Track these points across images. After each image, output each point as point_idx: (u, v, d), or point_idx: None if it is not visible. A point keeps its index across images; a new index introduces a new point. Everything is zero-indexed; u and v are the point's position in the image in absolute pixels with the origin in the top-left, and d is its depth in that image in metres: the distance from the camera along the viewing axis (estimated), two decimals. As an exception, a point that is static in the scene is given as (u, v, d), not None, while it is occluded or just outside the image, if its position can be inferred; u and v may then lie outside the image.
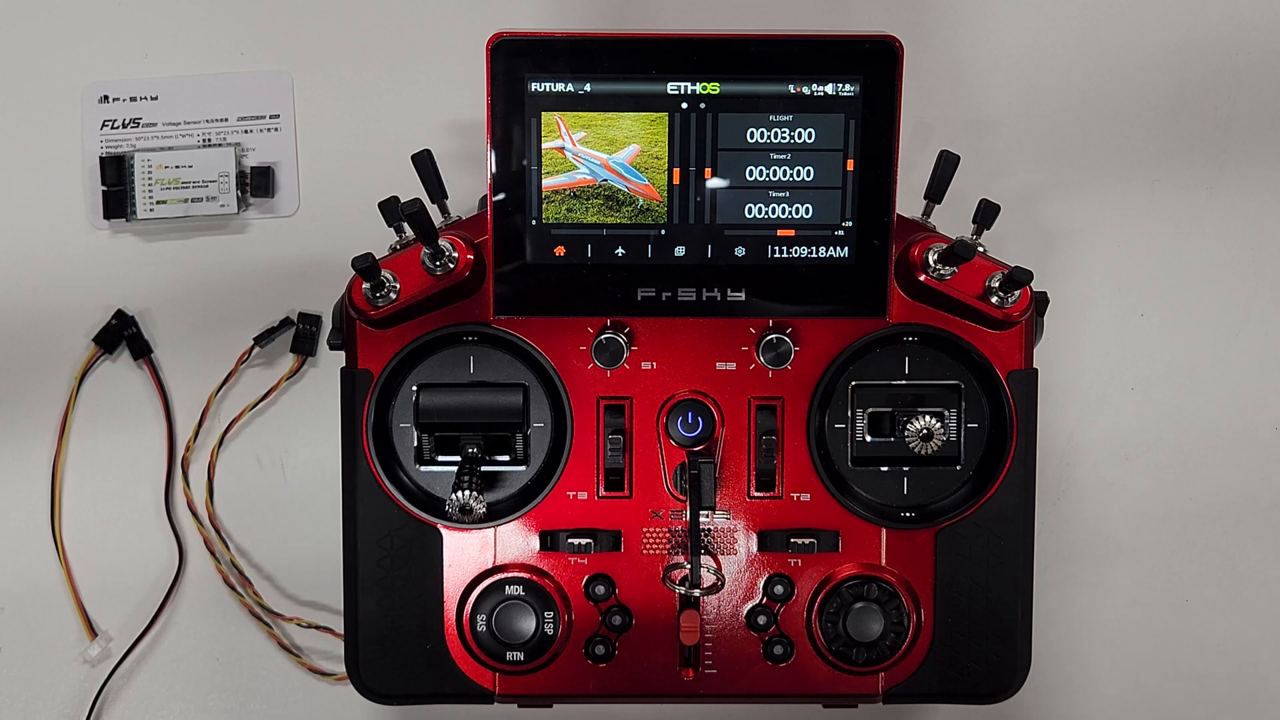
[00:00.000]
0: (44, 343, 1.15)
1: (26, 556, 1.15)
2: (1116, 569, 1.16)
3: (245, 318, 1.15)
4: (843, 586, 1.00)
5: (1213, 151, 1.16)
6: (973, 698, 1.02)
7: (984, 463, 1.01)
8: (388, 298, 0.97)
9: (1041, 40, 1.16)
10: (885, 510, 1.01)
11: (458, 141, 1.13)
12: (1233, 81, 1.15)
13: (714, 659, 1.01)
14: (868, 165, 0.95)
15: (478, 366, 1.00)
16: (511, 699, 1.01)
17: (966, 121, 1.15)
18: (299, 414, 1.16)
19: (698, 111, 0.95)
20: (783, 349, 0.98)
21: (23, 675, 1.15)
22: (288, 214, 1.16)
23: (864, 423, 1.01)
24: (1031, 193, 1.15)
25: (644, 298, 0.97)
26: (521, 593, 1.00)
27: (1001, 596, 1.01)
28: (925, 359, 1.00)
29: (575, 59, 0.94)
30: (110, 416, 1.15)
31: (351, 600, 1.00)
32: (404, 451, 1.00)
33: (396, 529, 1.00)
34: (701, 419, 1.00)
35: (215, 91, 1.15)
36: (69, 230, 1.15)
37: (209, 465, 1.15)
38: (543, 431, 1.00)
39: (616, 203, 0.96)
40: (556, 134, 0.95)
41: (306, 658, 1.15)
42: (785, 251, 0.97)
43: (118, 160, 1.14)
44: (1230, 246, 1.16)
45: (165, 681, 1.15)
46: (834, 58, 0.94)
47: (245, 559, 1.15)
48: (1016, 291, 0.98)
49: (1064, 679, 1.16)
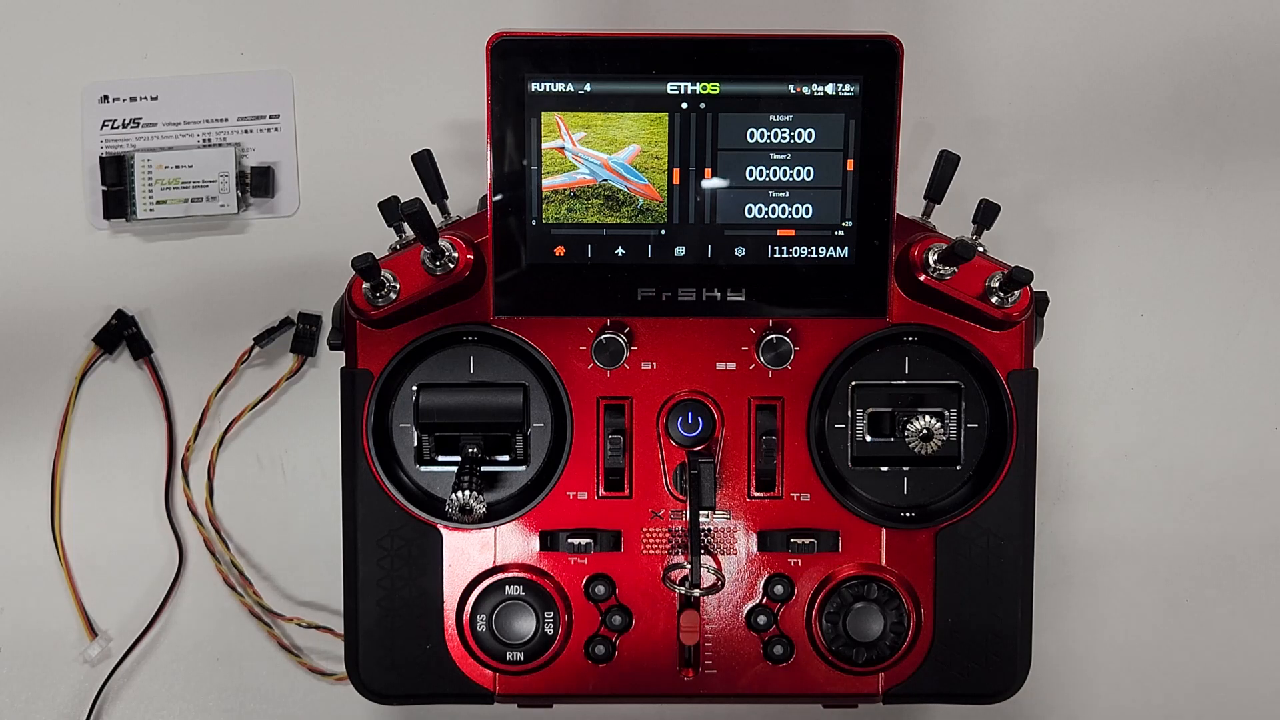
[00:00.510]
0: (44, 343, 1.15)
1: (26, 556, 1.15)
2: (1116, 569, 1.16)
3: (245, 318, 1.15)
4: (843, 586, 1.00)
5: (1213, 151, 1.16)
6: (973, 698, 1.02)
7: (984, 463, 1.01)
8: (388, 298, 0.97)
9: (1041, 40, 1.16)
10: (885, 510, 1.01)
11: (458, 141, 1.13)
12: (1233, 81, 1.15)
13: (714, 659, 1.01)
14: (868, 165, 0.95)
15: (478, 366, 1.00)
16: (511, 699, 1.01)
17: (966, 121, 1.15)
18: (299, 414, 1.15)
19: (698, 111, 0.94)
20: (783, 349, 0.98)
21: (23, 675, 1.15)
22: (288, 214, 1.16)
23: (864, 423, 1.01)
24: (1031, 193, 1.15)
25: (644, 298, 0.97)
26: (521, 593, 1.00)
27: (1001, 596, 1.01)
28: (925, 359, 1.00)
29: (575, 59, 0.94)
30: (110, 416, 1.15)
31: (351, 600, 1.00)
32: (404, 451, 1.00)
33: (396, 529, 1.00)
34: (701, 419, 1.00)
35: (215, 91, 1.15)
36: (69, 230, 1.15)
37: (209, 465, 1.15)
38: (543, 431, 1.00)
39: (616, 203, 0.96)
40: (556, 134, 0.95)
41: (306, 658, 1.15)
42: (785, 251, 0.97)
43: (118, 160, 1.14)
44: (1230, 246, 1.16)
45: (165, 681, 1.15)
46: (834, 58, 0.94)
47: (245, 559, 1.15)
48: (1016, 291, 0.97)
49: (1064, 679, 1.16)
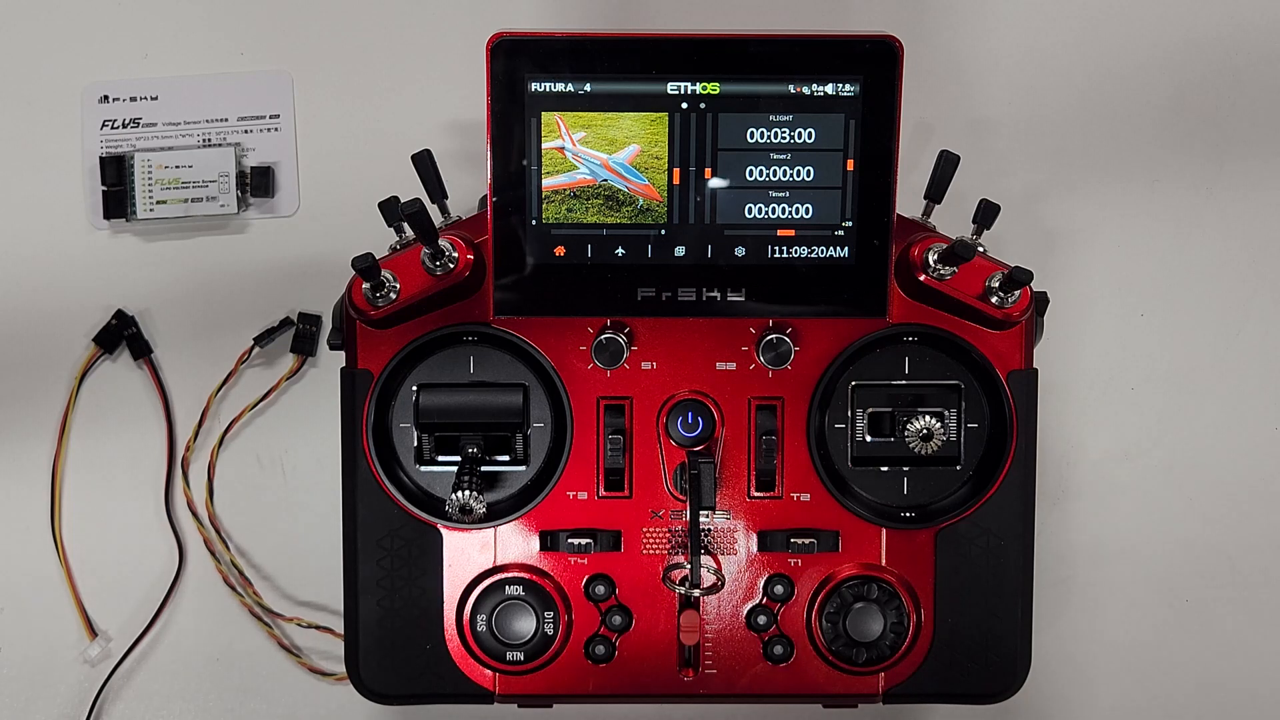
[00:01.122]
0: (44, 343, 1.15)
1: (26, 556, 1.15)
2: (1116, 569, 1.16)
3: (245, 318, 1.15)
4: (843, 586, 1.00)
5: (1213, 151, 1.16)
6: (973, 698, 1.02)
7: (984, 463, 1.01)
8: (388, 298, 0.97)
9: (1041, 40, 1.16)
10: (885, 510, 1.01)
11: (458, 141, 1.13)
12: (1233, 81, 1.15)
13: (714, 659, 1.01)
14: (868, 165, 0.95)
15: (478, 366, 1.00)
16: (511, 699, 1.01)
17: (966, 121, 1.15)
18: (299, 414, 1.15)
19: (698, 111, 0.94)
20: (783, 349, 0.98)
21: (23, 675, 1.15)
22: (288, 214, 1.16)
23: (864, 423, 1.01)
24: (1031, 193, 1.15)
25: (644, 298, 0.97)
26: (521, 593, 1.00)
27: (1001, 596, 1.01)
28: (925, 359, 1.00)
29: (575, 59, 0.94)
30: (110, 417, 1.15)
31: (351, 600, 1.00)
32: (404, 451, 1.00)
33: (396, 529, 1.00)
34: (701, 419, 1.00)
35: (215, 91, 1.15)
36: (69, 230, 1.15)
37: (209, 465, 1.15)
38: (543, 431, 1.00)
39: (616, 203, 0.96)
40: (556, 134, 0.95)
41: (306, 658, 1.15)
42: (785, 251, 0.97)
43: (118, 160, 1.14)
44: (1230, 246, 1.16)
45: (165, 681, 1.15)
46: (834, 58, 0.94)
47: (245, 559, 1.15)
48: (1016, 291, 0.97)
49: (1064, 679, 1.16)
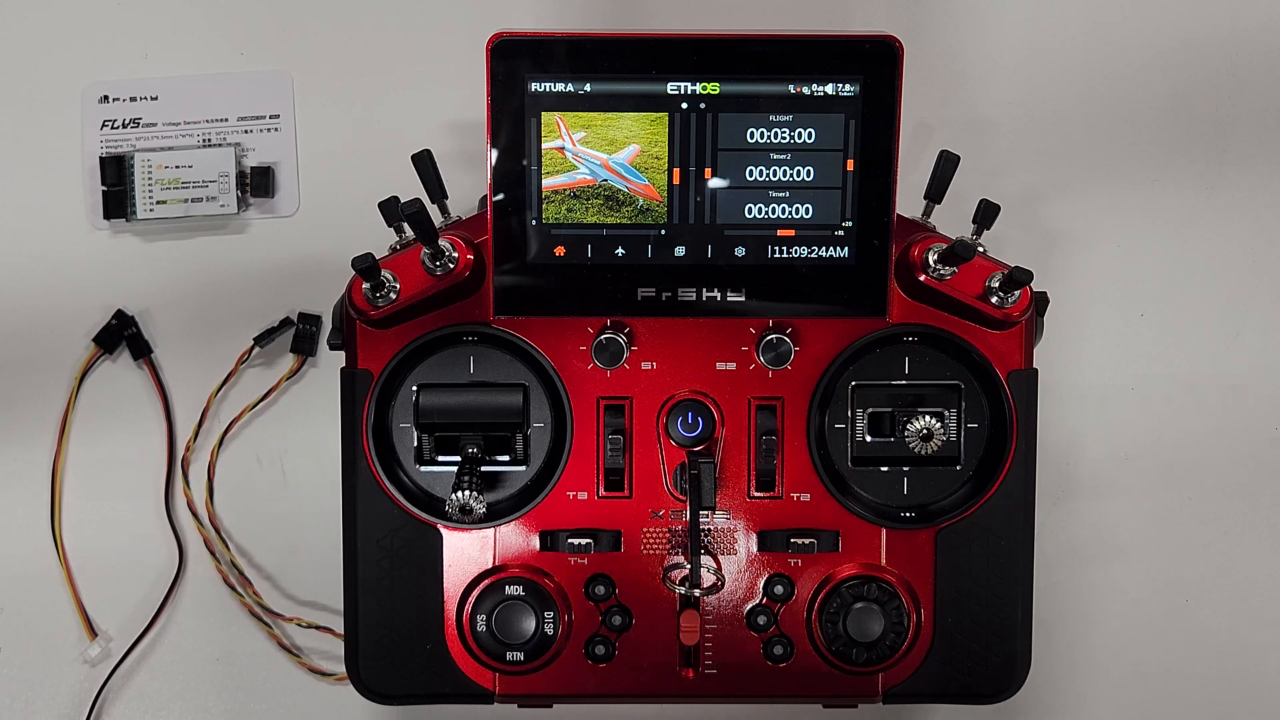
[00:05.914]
0: (44, 343, 1.15)
1: (26, 556, 1.15)
2: (1116, 569, 1.16)
3: (245, 318, 1.15)
4: (843, 586, 1.00)
5: (1213, 151, 1.16)
6: (973, 698, 1.02)
7: (984, 463, 1.01)
8: (388, 298, 0.97)
9: (1041, 40, 1.16)
10: (885, 510, 1.01)
11: (458, 141, 1.13)
12: (1233, 81, 1.15)
13: (714, 659, 1.01)
14: (868, 165, 0.95)
15: (478, 366, 1.00)
16: (511, 699, 1.01)
17: (966, 121, 1.15)
18: (299, 414, 1.15)
19: (698, 111, 0.94)
20: (783, 349, 0.98)
21: (23, 675, 1.15)
22: (288, 214, 1.16)
23: (864, 423, 1.01)
24: (1031, 193, 1.15)
25: (644, 298, 0.97)
26: (521, 593, 1.00)
27: (1001, 596, 1.01)
28: (925, 359, 1.00)
29: (575, 59, 0.94)
30: (110, 416, 1.15)
31: (351, 600, 1.00)
32: (404, 451, 1.00)
33: (396, 529, 1.00)
34: (701, 419, 1.00)
35: (215, 91, 1.15)
36: (69, 230, 1.15)
37: (209, 465, 1.15)
38: (543, 431, 1.00)
39: (616, 203, 0.96)
40: (556, 134, 0.95)
41: (306, 658, 1.15)
42: (785, 251, 0.97)
43: (118, 160, 1.14)
44: (1230, 246, 1.16)
45: (165, 681, 1.15)
46: (834, 58, 0.94)
47: (245, 559, 1.15)
48: (1016, 291, 0.97)
49: (1064, 679, 1.16)
